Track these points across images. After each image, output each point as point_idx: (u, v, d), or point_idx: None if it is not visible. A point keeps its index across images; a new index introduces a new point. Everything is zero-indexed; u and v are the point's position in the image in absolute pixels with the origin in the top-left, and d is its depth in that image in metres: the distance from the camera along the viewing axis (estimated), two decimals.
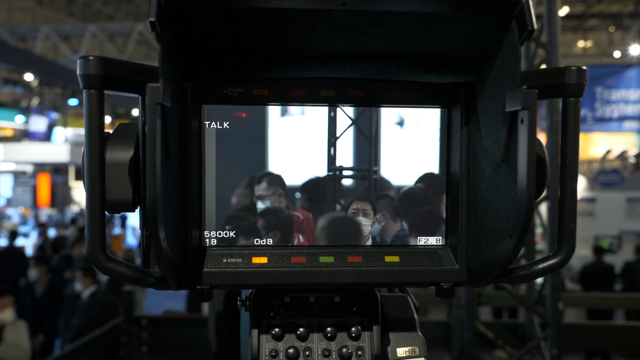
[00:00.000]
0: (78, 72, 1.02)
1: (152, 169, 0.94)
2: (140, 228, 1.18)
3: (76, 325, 7.10)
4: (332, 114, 1.23)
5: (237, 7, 1.05)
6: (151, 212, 0.96)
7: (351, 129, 1.26)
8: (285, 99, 1.26)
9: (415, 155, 1.25)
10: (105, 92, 1.05)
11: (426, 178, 1.27)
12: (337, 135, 1.25)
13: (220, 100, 1.24)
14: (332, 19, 1.09)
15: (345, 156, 1.25)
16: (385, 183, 1.27)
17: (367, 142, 1.26)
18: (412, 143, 1.24)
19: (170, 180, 1.09)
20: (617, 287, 10.09)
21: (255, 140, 1.22)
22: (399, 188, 1.26)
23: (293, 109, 1.23)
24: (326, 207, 1.26)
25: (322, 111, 1.26)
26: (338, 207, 1.26)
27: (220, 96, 1.24)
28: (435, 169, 1.28)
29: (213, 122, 1.25)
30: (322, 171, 1.25)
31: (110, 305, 7.22)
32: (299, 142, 1.24)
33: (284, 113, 1.18)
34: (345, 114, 1.26)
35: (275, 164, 1.21)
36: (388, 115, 1.27)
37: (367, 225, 1.28)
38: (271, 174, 1.21)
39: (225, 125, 1.25)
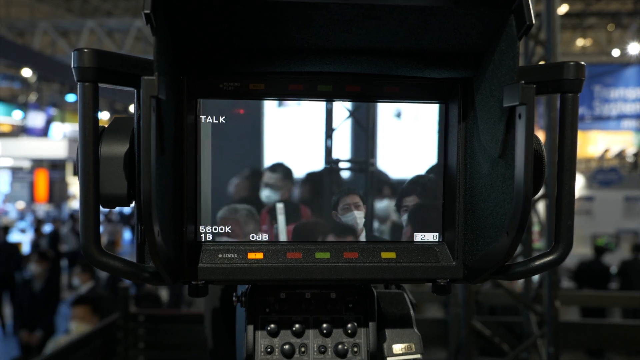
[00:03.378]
0: (72, 65, 1.01)
1: (147, 163, 0.94)
2: (135, 222, 1.18)
3: None
4: (329, 106, 1.23)
5: (233, 0, 1.04)
6: (145, 207, 0.95)
7: (348, 120, 1.26)
8: (282, 94, 1.26)
9: (413, 148, 1.24)
10: (101, 85, 1.04)
11: (432, 170, 1.26)
12: (334, 127, 1.25)
13: (217, 94, 1.24)
14: (329, 13, 1.08)
15: (343, 148, 1.25)
16: (381, 176, 1.26)
17: (364, 134, 1.26)
18: (409, 136, 1.24)
19: (165, 174, 1.09)
20: (613, 285, 10.12)
21: (252, 133, 1.21)
22: (396, 180, 1.25)
23: (291, 101, 1.22)
24: (323, 200, 1.26)
25: (320, 103, 1.25)
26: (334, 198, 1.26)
27: (217, 90, 1.23)
28: (434, 161, 1.27)
29: (209, 116, 1.24)
30: (319, 164, 1.25)
31: (107, 301, 7.19)
32: (296, 134, 1.23)
33: (280, 104, 1.17)
34: (342, 106, 1.26)
35: (271, 157, 1.20)
36: (386, 107, 1.26)
37: (361, 217, 1.27)
38: (284, 166, 1.20)
39: (221, 119, 1.24)
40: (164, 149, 1.07)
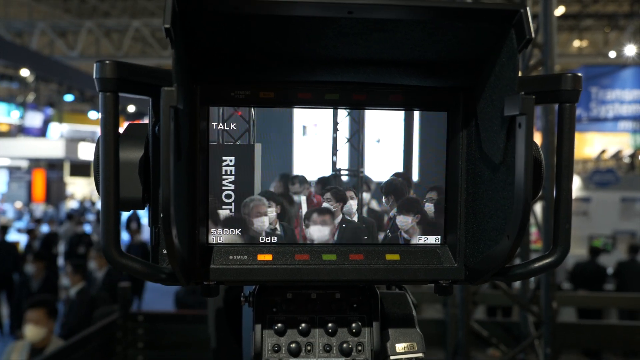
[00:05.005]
0: (95, 76, 1.05)
1: (166, 170, 0.97)
2: (149, 225, 1.22)
3: (65, 323, 6.91)
4: (334, 135, 1.33)
5: (246, 14, 1.08)
6: (165, 211, 0.99)
7: (347, 144, 1.34)
8: (291, 102, 1.30)
9: (386, 161, 1.35)
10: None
11: (398, 174, 1.35)
12: (338, 148, 1.34)
13: (228, 102, 1.28)
14: (338, 26, 1.12)
15: (343, 161, 1.34)
16: (367, 179, 1.34)
17: (357, 153, 1.32)
18: (384, 153, 1.35)
19: (180, 179, 1.12)
20: (609, 286, 10.14)
21: (285, 151, 1.31)
22: (375, 182, 1.35)
23: (310, 131, 1.32)
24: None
25: (328, 133, 1.33)
26: None
27: (228, 98, 1.28)
28: (400, 168, 1.35)
29: (220, 124, 1.28)
30: (328, 171, 1.32)
31: (100, 302, 7.10)
32: (314, 152, 1.33)
33: (304, 133, 1.31)
34: (342, 135, 1.34)
35: (299, 166, 1.31)
36: (370, 135, 1.34)
37: (355, 205, 1.35)
38: (299, 176, 1.32)
39: (232, 126, 1.29)
40: (180, 155, 1.11)
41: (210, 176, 1.29)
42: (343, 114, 1.33)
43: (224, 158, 1.25)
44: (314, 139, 1.32)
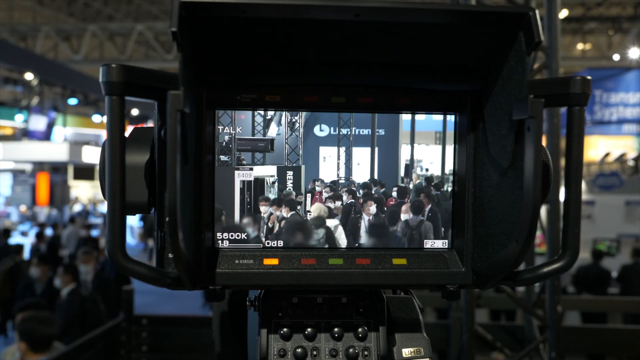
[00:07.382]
0: (101, 79, 1.05)
1: (173, 174, 0.97)
2: (155, 229, 1.21)
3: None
4: (338, 161, 1.37)
5: (253, 17, 1.08)
6: (171, 215, 0.98)
7: (344, 165, 1.37)
8: (297, 105, 1.30)
9: (362, 171, 1.38)
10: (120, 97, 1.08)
11: (369, 179, 1.38)
12: (339, 167, 1.36)
13: (234, 105, 1.28)
14: (345, 29, 1.12)
15: (342, 173, 1.36)
16: (353, 182, 1.36)
17: (348, 168, 1.35)
18: (362, 168, 1.38)
19: (187, 183, 1.12)
20: (614, 290, 10.11)
21: (314, 168, 1.37)
22: (358, 183, 1.37)
23: (327, 159, 1.37)
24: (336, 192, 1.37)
25: (334, 160, 1.37)
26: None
27: (234, 101, 1.27)
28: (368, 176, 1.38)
29: (226, 127, 1.28)
30: (334, 177, 1.35)
31: (91, 303, 7.03)
32: (328, 168, 1.37)
33: (324, 160, 1.37)
34: (341, 161, 1.37)
35: (322, 175, 1.37)
36: (355, 160, 1.37)
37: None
38: (320, 179, 1.37)
39: (238, 130, 1.28)
40: (187, 159, 1.10)
41: (279, 181, 1.34)
42: (342, 151, 1.38)
43: (287, 172, 1.34)
44: (329, 163, 1.38)
